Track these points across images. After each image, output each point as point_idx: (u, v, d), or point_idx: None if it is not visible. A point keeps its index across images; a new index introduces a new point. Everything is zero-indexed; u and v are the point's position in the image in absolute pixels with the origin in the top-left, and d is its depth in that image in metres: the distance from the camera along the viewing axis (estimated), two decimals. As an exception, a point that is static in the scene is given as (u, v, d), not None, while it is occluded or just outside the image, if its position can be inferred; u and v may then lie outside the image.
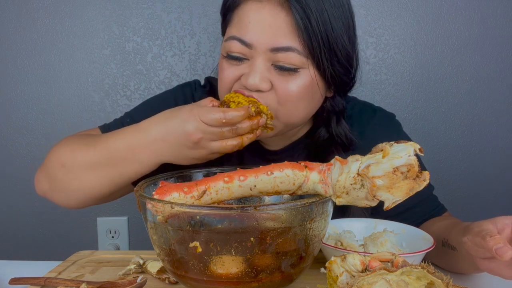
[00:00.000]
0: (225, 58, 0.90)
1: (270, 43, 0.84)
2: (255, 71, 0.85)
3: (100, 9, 1.58)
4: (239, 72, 0.88)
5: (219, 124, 0.80)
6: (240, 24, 0.86)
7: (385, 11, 1.58)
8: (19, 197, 1.66)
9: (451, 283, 0.55)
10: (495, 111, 1.61)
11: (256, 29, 0.84)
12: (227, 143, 0.83)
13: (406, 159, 0.57)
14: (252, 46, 0.85)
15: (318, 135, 1.01)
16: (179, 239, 0.62)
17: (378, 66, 1.60)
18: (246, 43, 0.85)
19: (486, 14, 1.57)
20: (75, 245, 1.54)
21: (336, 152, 0.97)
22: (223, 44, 0.91)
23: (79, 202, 0.94)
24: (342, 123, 1.00)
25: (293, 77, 0.86)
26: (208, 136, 0.81)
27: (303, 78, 0.86)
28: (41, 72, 1.61)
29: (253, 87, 0.85)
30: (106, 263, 0.90)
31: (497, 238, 0.65)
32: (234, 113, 0.80)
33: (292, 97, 0.86)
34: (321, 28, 0.83)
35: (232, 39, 0.87)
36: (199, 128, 0.81)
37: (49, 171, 0.93)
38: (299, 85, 0.86)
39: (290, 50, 0.84)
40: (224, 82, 0.90)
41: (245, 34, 0.85)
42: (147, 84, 1.61)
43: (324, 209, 0.64)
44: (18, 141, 1.64)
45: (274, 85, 0.86)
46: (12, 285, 0.80)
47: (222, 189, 0.63)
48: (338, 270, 0.60)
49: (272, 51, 0.84)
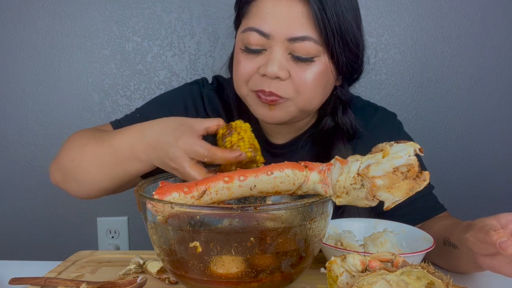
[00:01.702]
0: (242, 51, 0.92)
1: (287, 33, 0.87)
2: (273, 59, 0.88)
3: (100, 9, 1.58)
4: (257, 64, 0.90)
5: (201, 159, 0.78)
6: (258, 16, 0.89)
7: (385, 11, 1.57)
8: (19, 197, 1.66)
9: (451, 283, 0.55)
10: (495, 111, 1.61)
11: (274, 20, 0.88)
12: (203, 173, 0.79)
13: (406, 159, 0.57)
14: (270, 36, 0.88)
15: (324, 124, 1.03)
16: (179, 239, 0.62)
17: (378, 66, 1.60)
18: (264, 34, 0.88)
19: (486, 14, 1.57)
20: (75, 245, 1.55)
21: (341, 141, 1.00)
22: (240, 36, 0.93)
23: (89, 194, 0.96)
24: (348, 112, 1.02)
25: (309, 66, 0.89)
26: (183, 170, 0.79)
27: (318, 66, 0.90)
28: (41, 72, 1.61)
29: (272, 74, 0.88)
30: (106, 263, 0.90)
31: (501, 232, 0.66)
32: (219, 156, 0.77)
33: (309, 85, 0.90)
34: (334, 18, 0.88)
35: (250, 30, 0.90)
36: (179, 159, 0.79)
37: (61, 164, 0.96)
38: (315, 73, 0.90)
39: (306, 39, 0.87)
40: (242, 74, 0.93)
41: (263, 25, 0.88)
42: (147, 84, 1.61)
43: (324, 209, 0.64)
44: (18, 141, 1.64)
45: (291, 73, 0.89)
46: (12, 285, 0.80)
47: (222, 189, 0.63)
48: (338, 270, 0.60)
49: (290, 41, 0.87)
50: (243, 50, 0.92)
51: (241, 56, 0.92)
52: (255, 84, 0.91)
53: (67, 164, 0.94)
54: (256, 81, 0.91)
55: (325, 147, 1.01)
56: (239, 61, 0.93)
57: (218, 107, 1.09)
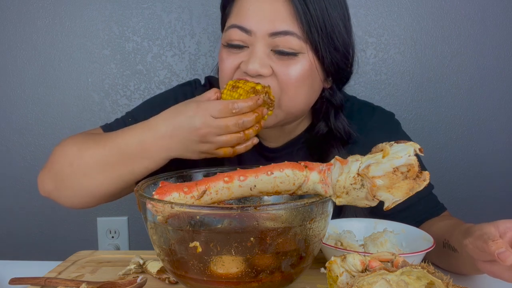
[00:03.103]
0: (225, 48, 0.92)
1: (269, 28, 0.87)
2: (255, 56, 0.87)
3: (100, 9, 1.58)
4: (239, 60, 0.90)
5: (228, 114, 0.81)
6: (240, 13, 0.89)
7: (385, 11, 1.57)
8: (19, 197, 1.66)
9: (451, 283, 0.55)
10: (495, 111, 1.61)
11: (256, 16, 0.87)
12: (233, 136, 0.83)
13: (406, 159, 0.57)
14: (251, 32, 0.87)
15: (317, 129, 1.02)
16: (179, 239, 0.62)
17: (378, 66, 1.60)
18: (245, 30, 0.88)
19: (486, 14, 1.57)
20: (75, 245, 1.54)
21: (335, 147, 0.99)
22: (223, 35, 0.93)
23: (84, 202, 0.94)
24: (340, 117, 1.01)
25: (293, 61, 0.88)
26: (214, 130, 0.82)
27: (302, 63, 0.88)
28: (41, 72, 1.61)
29: (253, 72, 0.86)
30: (106, 263, 0.90)
31: (499, 243, 0.65)
32: (242, 104, 0.81)
33: (293, 81, 0.88)
34: (318, 14, 0.87)
35: (232, 27, 0.90)
36: (206, 122, 0.81)
37: (56, 171, 0.93)
38: (299, 70, 0.88)
39: (289, 34, 0.86)
40: (225, 71, 0.92)
41: (244, 21, 0.88)
42: (147, 84, 1.61)
43: (324, 209, 0.64)
44: (18, 141, 1.64)
45: (274, 70, 0.88)
46: (12, 285, 0.80)
47: (222, 189, 0.63)
48: (338, 270, 0.60)
49: (271, 36, 0.87)
50: (225, 46, 0.91)
51: (223, 53, 0.92)
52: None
53: (63, 170, 0.91)
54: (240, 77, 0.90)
55: (320, 152, 1.00)
56: (222, 58, 0.92)
57: None
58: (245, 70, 0.88)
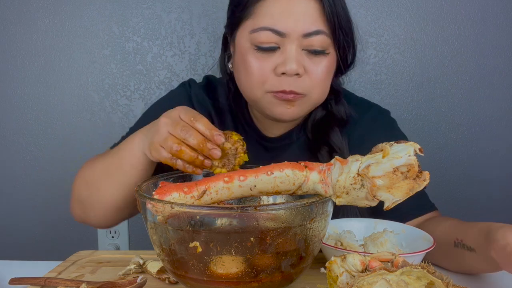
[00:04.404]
0: (254, 51, 0.91)
1: (303, 29, 0.89)
2: (291, 57, 0.89)
3: (100, 9, 1.58)
4: (273, 63, 0.90)
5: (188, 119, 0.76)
6: (270, 15, 0.89)
7: (385, 11, 1.58)
8: (19, 197, 1.66)
9: (451, 283, 0.55)
10: (495, 111, 1.61)
11: (289, 18, 0.88)
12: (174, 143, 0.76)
13: (406, 159, 0.57)
14: (285, 34, 0.89)
15: (314, 115, 1.04)
16: (179, 239, 0.62)
17: (378, 66, 1.60)
18: (279, 32, 0.89)
19: (486, 14, 1.57)
20: (75, 245, 1.54)
21: (335, 128, 1.02)
22: (247, 37, 0.92)
23: (105, 218, 0.96)
24: (341, 101, 1.05)
25: (322, 59, 0.92)
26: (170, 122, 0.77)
27: (329, 59, 0.93)
28: (41, 72, 1.61)
29: (292, 72, 0.89)
30: (106, 263, 0.90)
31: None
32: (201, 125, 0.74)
33: (323, 78, 0.93)
34: (341, 12, 0.92)
35: (262, 30, 0.89)
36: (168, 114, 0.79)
37: (77, 194, 0.97)
38: (326, 66, 0.93)
39: (320, 33, 0.90)
40: (257, 76, 0.91)
41: (277, 24, 0.89)
42: (147, 84, 1.61)
43: (324, 209, 0.64)
44: (18, 141, 1.64)
45: (306, 69, 0.91)
46: (12, 285, 0.80)
47: (222, 189, 0.63)
48: (338, 270, 0.60)
49: (304, 37, 0.89)
50: (255, 49, 0.91)
51: (251, 57, 0.91)
52: (274, 85, 0.90)
53: (82, 190, 0.95)
54: (274, 82, 0.90)
55: (319, 136, 1.02)
56: (250, 62, 0.91)
57: (207, 104, 1.08)
58: (283, 71, 0.89)
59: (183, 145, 0.74)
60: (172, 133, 0.75)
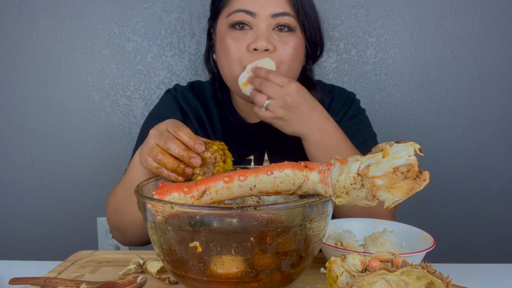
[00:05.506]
0: (230, 32, 1.03)
1: (271, 10, 1.02)
2: (262, 35, 1.01)
3: (100, 9, 1.58)
4: (245, 42, 1.02)
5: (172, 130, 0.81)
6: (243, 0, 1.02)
7: (385, 11, 1.57)
8: (19, 197, 1.66)
9: (451, 283, 0.55)
10: (495, 111, 1.61)
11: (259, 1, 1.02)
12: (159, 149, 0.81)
13: (406, 159, 0.57)
14: (255, 14, 1.01)
15: None
16: (179, 239, 0.62)
17: (378, 66, 1.60)
18: (250, 12, 1.01)
19: (486, 14, 1.57)
20: (75, 245, 1.54)
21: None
22: (223, 21, 1.05)
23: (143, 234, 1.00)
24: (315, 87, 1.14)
25: (290, 37, 1.03)
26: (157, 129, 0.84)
27: (296, 39, 1.04)
28: (41, 72, 1.61)
29: (262, 47, 1.00)
30: (106, 263, 0.90)
31: None
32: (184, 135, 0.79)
33: (290, 54, 1.03)
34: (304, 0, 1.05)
35: (236, 11, 1.02)
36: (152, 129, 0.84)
37: (111, 223, 1.06)
38: (293, 46, 1.04)
39: (286, 14, 1.03)
40: (233, 53, 1.02)
41: (247, 5, 1.02)
42: (147, 84, 1.61)
43: (324, 209, 0.64)
44: (18, 141, 1.64)
45: (275, 47, 1.02)
46: (12, 285, 0.80)
47: (222, 189, 0.63)
48: (338, 270, 0.60)
49: (273, 17, 1.02)
50: (231, 29, 1.03)
51: (228, 38, 1.03)
52: (248, 60, 1.01)
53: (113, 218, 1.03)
54: (248, 57, 1.01)
55: None
56: (227, 44, 1.03)
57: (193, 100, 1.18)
58: (255, 47, 1.00)
59: (165, 155, 0.79)
60: (158, 143, 0.81)
